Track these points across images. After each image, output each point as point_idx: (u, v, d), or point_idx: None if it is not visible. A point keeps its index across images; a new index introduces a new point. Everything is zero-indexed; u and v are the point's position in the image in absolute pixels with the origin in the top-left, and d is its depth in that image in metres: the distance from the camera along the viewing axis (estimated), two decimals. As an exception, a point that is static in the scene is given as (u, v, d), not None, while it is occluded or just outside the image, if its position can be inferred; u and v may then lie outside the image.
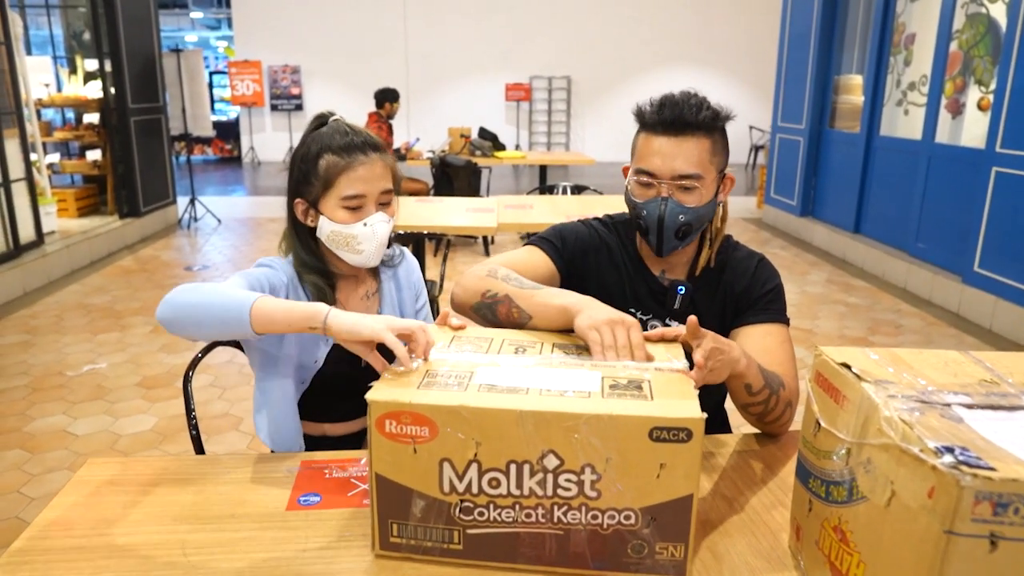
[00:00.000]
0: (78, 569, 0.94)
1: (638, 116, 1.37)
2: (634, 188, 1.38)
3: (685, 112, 1.30)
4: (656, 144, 1.33)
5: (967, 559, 0.65)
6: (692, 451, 0.87)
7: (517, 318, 1.21)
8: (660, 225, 1.34)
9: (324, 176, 1.36)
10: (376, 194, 1.38)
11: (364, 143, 1.38)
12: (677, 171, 1.31)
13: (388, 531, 0.96)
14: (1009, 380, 0.86)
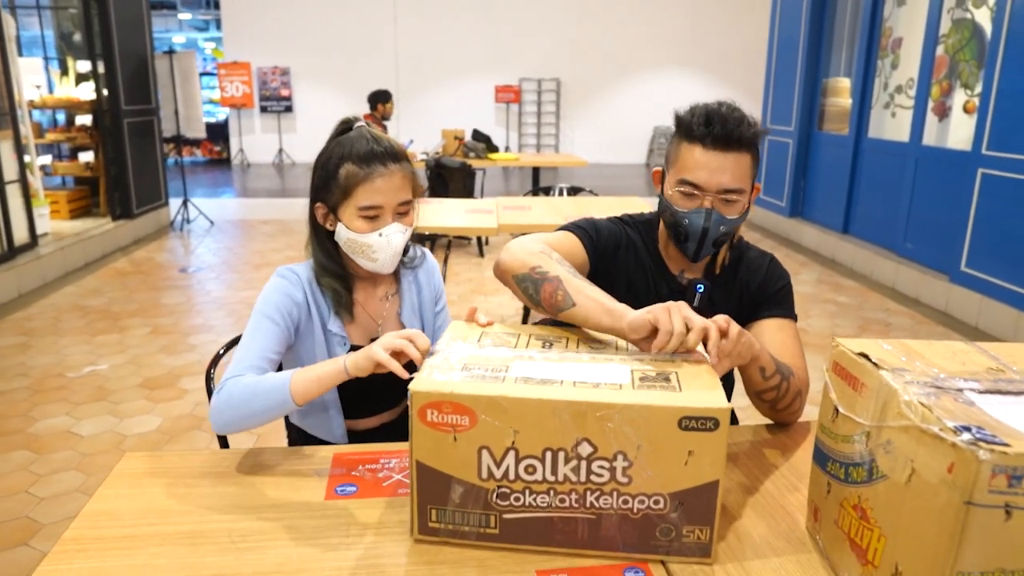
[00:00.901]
0: (132, 555, 0.98)
1: (682, 126, 1.39)
2: (676, 197, 1.40)
3: (732, 129, 1.33)
4: (703, 158, 1.35)
5: (984, 528, 0.71)
6: (719, 439, 0.92)
7: (560, 301, 1.22)
8: (703, 235, 1.38)
9: (343, 185, 1.39)
10: (394, 205, 1.41)
11: (385, 153, 1.40)
12: (723, 186, 1.35)
13: (427, 516, 1.01)
14: (1014, 368, 0.92)
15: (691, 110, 1.38)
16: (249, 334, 1.38)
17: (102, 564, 0.96)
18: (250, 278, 5.52)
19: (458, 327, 1.20)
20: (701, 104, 1.38)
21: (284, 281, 1.44)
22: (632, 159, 14.56)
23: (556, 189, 5.00)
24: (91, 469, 2.73)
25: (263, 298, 1.42)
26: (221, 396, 1.25)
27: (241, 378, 1.26)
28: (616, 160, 14.30)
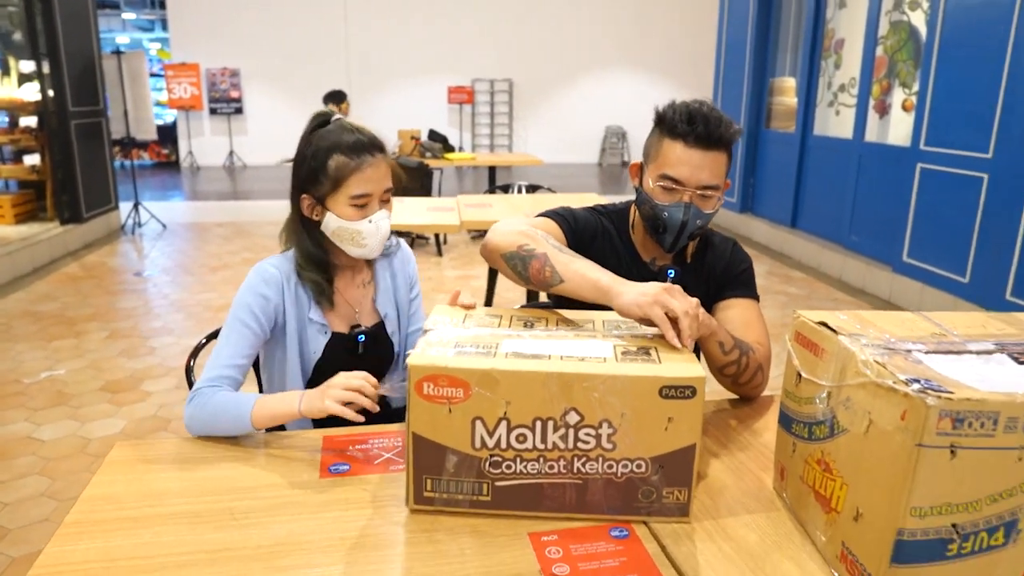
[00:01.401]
0: (137, 535, 1.01)
1: (665, 123, 1.44)
2: (656, 191, 1.45)
3: (713, 129, 1.40)
4: (685, 155, 1.41)
5: (933, 467, 0.80)
6: (696, 406, 1.00)
7: (548, 277, 1.28)
8: (681, 228, 1.45)
9: (334, 175, 1.43)
10: (380, 192, 1.47)
11: (371, 144, 1.45)
12: (703, 182, 1.42)
13: (422, 486, 1.06)
14: (954, 332, 1.02)
15: (673, 108, 1.44)
16: (223, 338, 1.42)
17: (107, 544, 0.99)
18: (207, 281, 5.46)
19: (442, 310, 1.25)
20: (681, 102, 1.44)
21: (259, 280, 1.47)
22: (585, 158, 14.75)
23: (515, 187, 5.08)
24: (55, 474, 2.70)
25: (238, 300, 1.45)
26: (192, 407, 1.32)
27: (211, 394, 1.32)
28: (569, 159, 14.46)
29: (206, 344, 1.68)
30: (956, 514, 0.82)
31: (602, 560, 0.97)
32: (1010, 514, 0.83)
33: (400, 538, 1.02)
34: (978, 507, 0.82)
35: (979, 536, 0.83)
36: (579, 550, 0.99)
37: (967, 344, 0.97)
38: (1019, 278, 4.10)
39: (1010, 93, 4.13)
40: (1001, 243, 4.20)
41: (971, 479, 0.81)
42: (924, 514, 0.82)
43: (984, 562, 0.84)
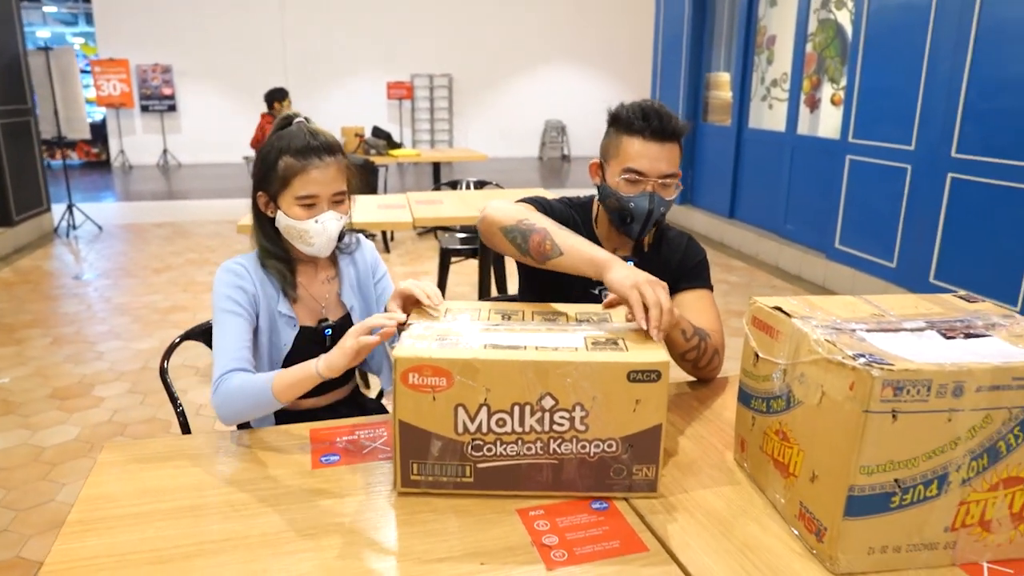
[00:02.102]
0: (140, 530, 1.05)
1: (622, 122, 1.55)
2: (621, 184, 1.55)
3: (667, 123, 1.52)
4: (644, 148, 1.53)
5: (878, 430, 0.91)
6: (661, 388, 1.09)
7: (548, 250, 1.36)
8: (648, 216, 1.55)
9: (282, 175, 1.49)
10: (329, 195, 1.52)
11: (321, 147, 1.50)
12: (663, 171, 1.54)
13: (409, 471, 1.13)
14: (891, 313, 1.14)
15: (627, 108, 1.55)
16: (219, 333, 1.46)
17: (113, 540, 1.03)
18: (151, 283, 5.35)
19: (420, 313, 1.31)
20: (632, 102, 1.55)
21: (231, 275, 1.52)
22: (525, 152, 14.87)
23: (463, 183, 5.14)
24: (10, 484, 2.65)
25: (218, 295, 1.49)
26: (218, 396, 1.37)
27: (231, 378, 1.37)
28: (509, 154, 14.56)
29: (180, 344, 1.70)
30: (898, 470, 0.94)
31: (587, 530, 1.06)
32: (942, 468, 0.95)
33: (395, 519, 1.09)
34: (916, 463, 0.94)
35: (917, 488, 0.95)
36: (564, 522, 1.07)
37: (902, 323, 1.09)
38: (941, 262, 4.38)
39: (928, 88, 4.40)
40: (924, 229, 4.48)
41: (910, 439, 0.92)
42: (871, 472, 0.93)
43: (921, 511, 0.96)
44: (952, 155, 4.23)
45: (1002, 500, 0.99)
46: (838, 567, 0.97)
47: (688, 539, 1.04)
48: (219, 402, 1.37)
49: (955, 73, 4.17)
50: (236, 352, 1.42)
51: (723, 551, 1.01)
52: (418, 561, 0.98)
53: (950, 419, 0.93)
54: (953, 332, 1.07)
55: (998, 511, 0.99)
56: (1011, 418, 0.95)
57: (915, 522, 0.97)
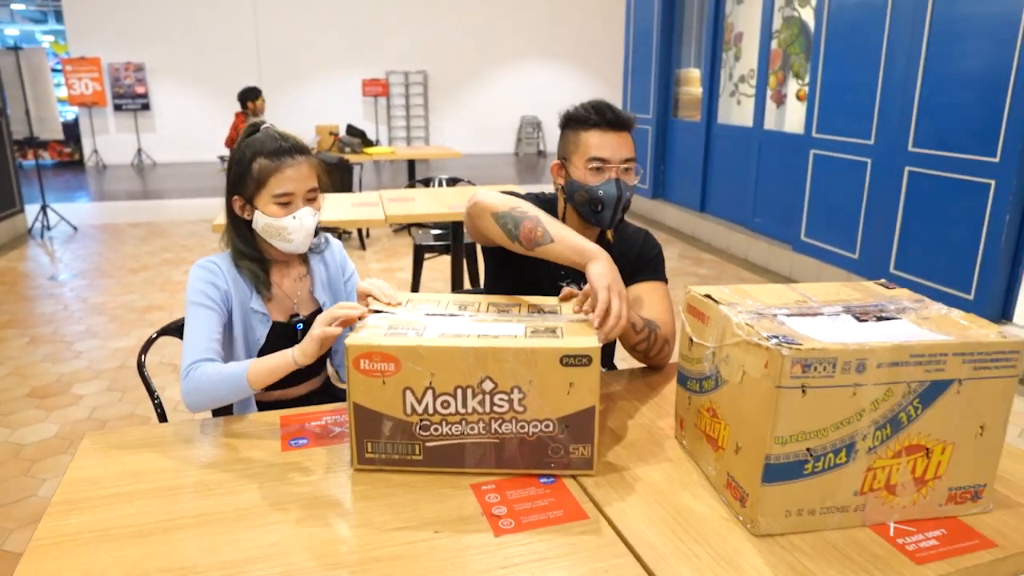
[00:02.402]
0: (121, 508, 1.13)
1: (578, 119, 1.67)
2: (587, 175, 1.65)
3: (619, 114, 1.65)
4: (605, 138, 1.64)
5: (789, 404, 1.01)
6: (592, 372, 1.18)
7: (539, 237, 1.45)
8: (617, 201, 1.65)
9: (257, 177, 1.57)
10: (303, 191, 1.60)
11: (292, 148, 1.59)
12: (625, 156, 1.65)
13: (364, 449, 1.22)
14: (814, 299, 1.25)
15: (579, 107, 1.67)
16: (191, 325, 1.53)
17: (96, 517, 1.11)
18: (128, 283, 5.37)
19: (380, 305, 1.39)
20: (582, 103, 1.67)
21: (204, 271, 1.60)
22: (501, 148, 14.94)
23: (436, 180, 5.21)
24: (-9, 480, 2.70)
25: (191, 289, 1.57)
26: (189, 383, 1.44)
27: (204, 366, 1.44)
28: (485, 150, 14.62)
29: (157, 339, 1.77)
30: (809, 440, 1.04)
31: (533, 501, 1.15)
32: (849, 438, 1.05)
33: (358, 494, 1.18)
34: (825, 434, 1.05)
35: (827, 456, 1.06)
36: (513, 495, 1.17)
37: (822, 308, 1.20)
38: (900, 253, 4.54)
39: (886, 84, 4.54)
40: (884, 222, 4.63)
41: (818, 412, 1.03)
42: (785, 442, 1.04)
43: (832, 477, 1.07)
44: (909, 149, 4.39)
45: (905, 466, 1.10)
46: (758, 529, 1.08)
47: (626, 508, 1.14)
48: (189, 388, 1.44)
49: (910, 69, 4.32)
50: (206, 343, 1.50)
51: (657, 518, 1.12)
52: (378, 530, 1.07)
53: (855, 393, 1.04)
54: (866, 316, 1.18)
55: (902, 476, 1.10)
56: (910, 391, 1.06)
57: (827, 487, 1.08)
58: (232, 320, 1.62)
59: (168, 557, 1.01)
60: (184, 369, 1.46)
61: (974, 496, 1.14)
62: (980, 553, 1.05)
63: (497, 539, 1.06)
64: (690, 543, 1.06)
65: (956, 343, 1.06)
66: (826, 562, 1.02)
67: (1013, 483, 1.23)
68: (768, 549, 1.05)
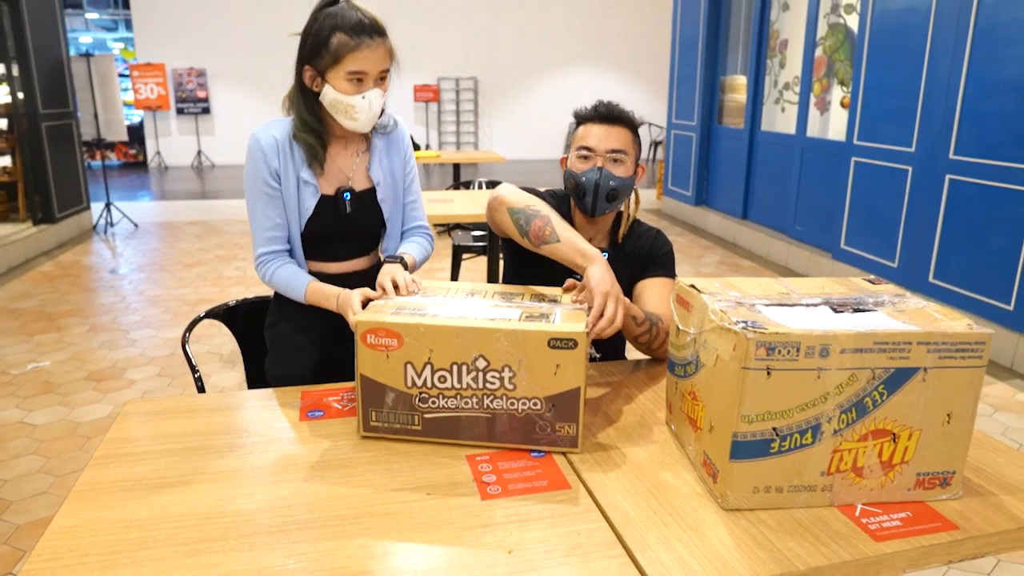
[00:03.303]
0: (152, 463, 1.26)
1: (578, 116, 1.81)
2: (575, 163, 1.77)
3: (612, 108, 1.76)
4: (594, 129, 1.76)
5: (755, 384, 1.09)
6: (579, 355, 1.26)
7: (547, 235, 1.56)
8: (596, 188, 1.74)
9: (334, 52, 1.58)
10: (376, 72, 1.62)
11: (372, 26, 1.60)
12: (611, 146, 1.75)
13: (369, 417, 1.33)
14: (796, 291, 1.31)
15: (584, 106, 1.81)
16: (252, 213, 1.72)
17: (131, 470, 1.24)
18: (182, 277, 5.65)
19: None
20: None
21: (258, 150, 1.67)
22: (550, 154, 15.04)
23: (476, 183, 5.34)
24: (50, 453, 2.91)
25: (250, 174, 1.69)
26: (262, 275, 1.75)
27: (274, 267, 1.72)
28: (534, 155, 14.75)
29: (204, 318, 1.93)
30: (775, 420, 1.11)
31: (522, 472, 1.25)
32: (815, 419, 1.12)
33: (362, 459, 1.29)
34: (791, 414, 1.11)
35: (793, 436, 1.13)
36: (504, 466, 1.27)
37: (802, 299, 1.27)
38: (940, 262, 4.48)
39: (928, 92, 4.50)
40: (924, 230, 4.58)
41: (784, 393, 1.10)
42: (752, 421, 1.11)
43: (799, 456, 1.14)
44: (950, 157, 4.33)
45: (872, 449, 1.16)
46: (728, 503, 1.15)
47: (607, 481, 1.23)
48: (262, 278, 1.75)
49: (953, 76, 4.28)
50: (270, 230, 1.71)
51: (634, 491, 1.20)
52: (375, 490, 1.18)
53: (819, 376, 1.10)
54: (844, 307, 1.24)
55: (869, 459, 1.16)
56: (874, 378, 1.12)
57: (794, 466, 1.14)
58: (282, 190, 1.70)
59: (189, 504, 1.14)
60: (256, 258, 1.74)
61: (943, 482, 1.19)
62: (940, 535, 1.10)
63: (483, 502, 1.16)
64: (662, 513, 1.14)
65: (920, 332, 1.11)
66: (787, 535, 1.09)
67: (987, 473, 1.27)
68: (734, 522, 1.12)
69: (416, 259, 1.82)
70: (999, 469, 1.29)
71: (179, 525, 1.08)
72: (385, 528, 1.09)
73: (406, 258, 1.73)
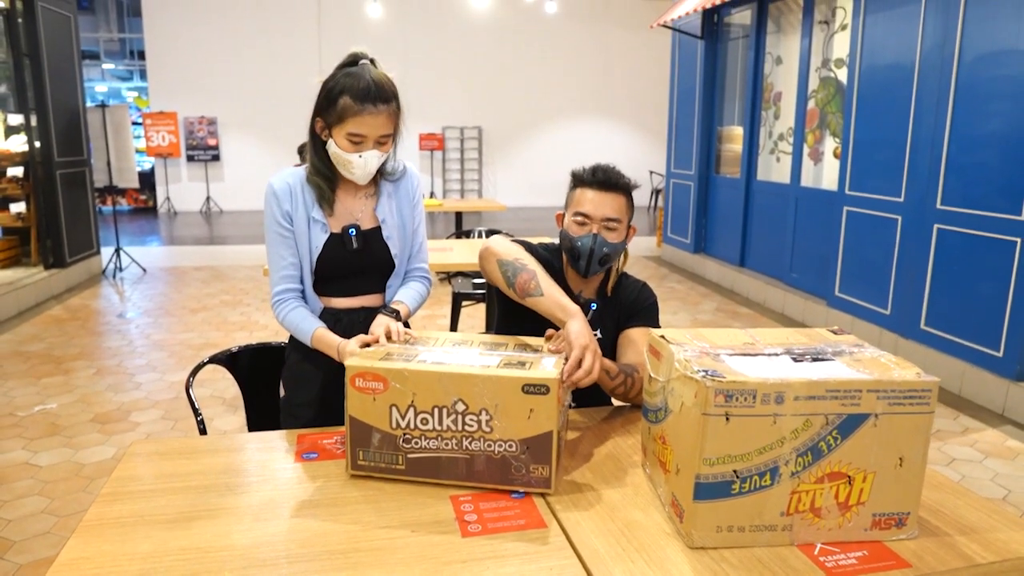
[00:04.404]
0: (156, 500, 1.34)
1: (576, 177, 1.89)
2: (571, 226, 1.86)
3: (611, 176, 1.84)
4: (591, 195, 1.84)
5: (715, 429, 1.17)
6: (551, 401, 1.35)
7: (532, 289, 1.67)
8: (591, 254, 1.84)
9: (339, 112, 1.72)
10: (375, 136, 1.75)
11: (378, 96, 1.71)
12: (606, 215, 1.84)
13: (356, 456, 1.42)
14: (760, 341, 1.40)
15: (583, 167, 1.89)
16: (271, 253, 1.85)
17: (135, 506, 1.32)
18: (188, 322, 5.75)
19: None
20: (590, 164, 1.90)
21: (273, 197, 1.82)
22: (553, 202, 15.24)
23: (476, 232, 5.47)
24: (54, 494, 2.98)
25: (268, 217, 1.84)
26: (277, 313, 1.87)
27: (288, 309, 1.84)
28: (538, 203, 14.97)
29: (208, 364, 2.02)
30: (734, 463, 1.19)
31: (502, 512, 1.32)
32: (772, 462, 1.20)
33: (353, 497, 1.37)
34: (750, 457, 1.19)
35: (752, 478, 1.20)
36: (485, 506, 1.34)
37: (764, 349, 1.36)
38: (931, 309, 4.56)
39: (915, 144, 4.64)
40: (914, 278, 4.67)
41: (742, 437, 1.18)
42: (713, 463, 1.19)
43: (759, 497, 1.21)
44: (937, 207, 4.45)
45: (829, 491, 1.23)
46: (693, 542, 1.22)
47: (580, 520, 1.30)
48: (278, 319, 1.86)
49: (938, 129, 4.42)
50: (285, 269, 1.85)
51: (606, 529, 1.27)
52: (363, 528, 1.26)
53: (775, 422, 1.19)
54: (803, 357, 1.33)
55: (826, 500, 1.24)
56: (828, 423, 1.20)
57: (754, 506, 1.22)
58: (295, 229, 1.84)
59: (189, 539, 1.22)
60: (272, 296, 1.86)
61: (898, 523, 1.26)
62: (893, 572, 1.17)
63: (463, 539, 1.23)
64: (630, 551, 1.21)
65: (870, 380, 1.20)
66: (748, 572, 1.16)
67: (944, 514, 1.34)
68: (698, 559, 1.19)
69: (410, 308, 1.92)
70: (957, 511, 1.36)
71: (178, 559, 1.16)
72: (371, 563, 1.16)
73: (401, 309, 1.83)
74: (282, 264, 1.84)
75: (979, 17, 4.11)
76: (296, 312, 1.83)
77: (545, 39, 14.49)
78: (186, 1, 13.22)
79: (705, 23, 7.66)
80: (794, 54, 6.49)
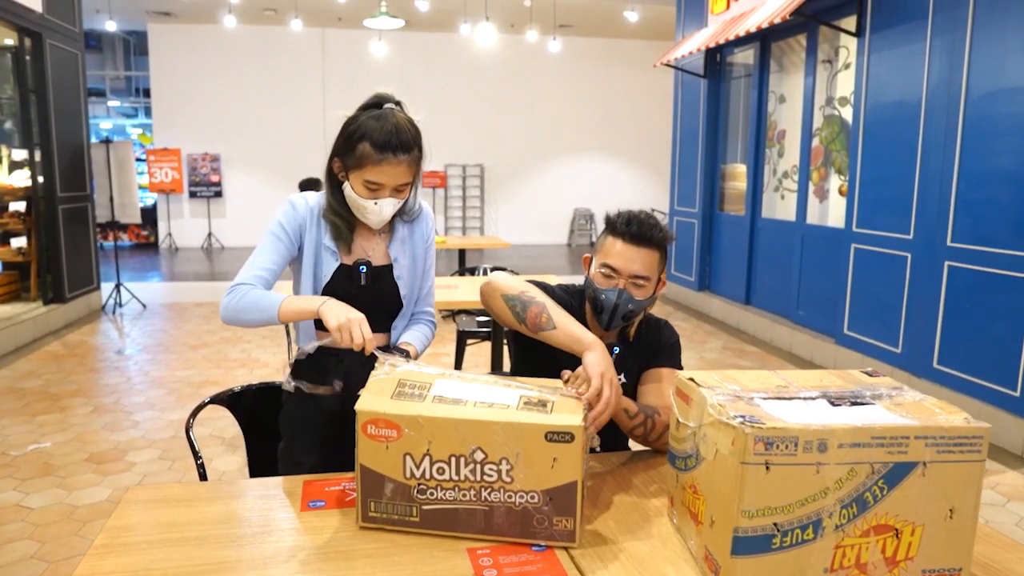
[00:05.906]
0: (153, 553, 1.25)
1: (610, 224, 1.79)
2: (598, 277, 1.78)
3: (646, 231, 1.74)
4: (622, 248, 1.74)
5: (754, 479, 1.09)
6: (575, 449, 1.27)
7: (543, 322, 1.59)
8: (614, 309, 1.76)
9: (358, 158, 1.69)
10: (393, 185, 1.71)
11: (399, 145, 1.68)
12: (634, 272, 1.75)
13: (368, 508, 1.33)
14: (794, 384, 1.33)
15: (619, 214, 1.79)
16: (258, 248, 1.75)
17: (131, 560, 1.23)
18: (187, 358, 5.67)
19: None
20: (627, 210, 1.80)
21: (290, 203, 1.78)
22: (555, 239, 15.26)
23: (480, 269, 5.42)
24: (44, 538, 2.87)
25: (274, 219, 1.77)
26: (230, 297, 1.67)
27: (247, 290, 1.67)
28: (540, 241, 14.97)
29: (209, 404, 1.94)
30: (775, 515, 1.11)
31: (523, 567, 1.24)
32: (815, 514, 1.12)
33: (363, 551, 1.28)
34: (791, 509, 1.11)
35: (794, 532, 1.12)
36: (505, 560, 1.25)
37: (800, 392, 1.28)
38: (943, 348, 4.48)
39: (923, 181, 4.61)
40: (926, 316, 4.60)
41: (783, 488, 1.10)
42: (752, 516, 1.11)
43: (801, 552, 1.13)
44: (948, 244, 4.40)
45: (875, 545, 1.15)
46: (731, 600, 1.14)
47: (607, 574, 1.21)
48: (226, 303, 1.66)
49: (946, 166, 4.39)
50: (261, 268, 1.72)
51: (636, 585, 1.19)
52: (375, 584, 1.17)
53: (818, 471, 1.11)
54: (841, 400, 1.25)
55: (872, 555, 1.15)
56: (873, 472, 1.12)
57: (796, 562, 1.13)
58: (303, 254, 1.77)
59: (187, 597, 1.13)
60: (231, 286, 1.67)
61: (949, 580, 1.18)
62: (948, 635, 1.08)
63: (483, 597, 1.15)
64: (664, 610, 1.12)
65: (917, 426, 1.13)
66: (792, 634, 1.07)
67: (995, 568, 1.26)
68: (738, 620, 1.10)
69: (418, 350, 1.85)
70: (1008, 565, 1.28)
71: (176, 619, 1.07)
72: (384, 624, 1.07)
73: (410, 351, 1.77)
74: (260, 263, 1.73)
75: (985, 55, 4.12)
76: (254, 291, 1.67)
77: (548, 77, 14.63)
78: (191, 40, 13.37)
79: (708, 62, 7.72)
80: (797, 92, 6.52)
